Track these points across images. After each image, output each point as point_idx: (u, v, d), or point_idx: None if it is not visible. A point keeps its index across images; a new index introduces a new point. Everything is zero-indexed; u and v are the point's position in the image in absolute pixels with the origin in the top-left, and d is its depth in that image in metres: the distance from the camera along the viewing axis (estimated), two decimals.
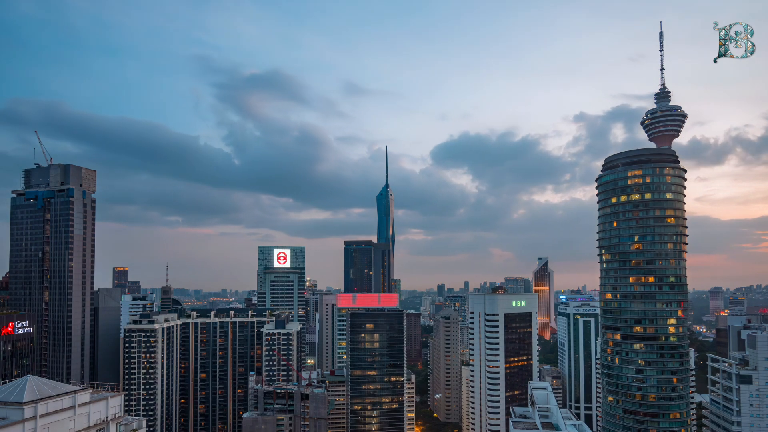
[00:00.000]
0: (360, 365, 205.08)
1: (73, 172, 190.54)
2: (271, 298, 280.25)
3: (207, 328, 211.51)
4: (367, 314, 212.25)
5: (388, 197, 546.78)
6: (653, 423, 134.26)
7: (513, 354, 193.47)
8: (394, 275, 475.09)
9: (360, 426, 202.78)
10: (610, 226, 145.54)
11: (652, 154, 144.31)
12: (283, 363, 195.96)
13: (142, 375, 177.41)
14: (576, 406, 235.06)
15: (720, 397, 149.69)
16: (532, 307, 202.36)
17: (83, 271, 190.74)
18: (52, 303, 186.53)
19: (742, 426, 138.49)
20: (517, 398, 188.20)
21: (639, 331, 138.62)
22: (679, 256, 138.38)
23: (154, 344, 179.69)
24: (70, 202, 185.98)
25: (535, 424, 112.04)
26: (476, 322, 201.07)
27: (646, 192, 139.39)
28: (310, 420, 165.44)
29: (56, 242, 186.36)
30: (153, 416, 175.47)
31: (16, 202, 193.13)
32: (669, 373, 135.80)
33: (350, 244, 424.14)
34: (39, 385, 51.12)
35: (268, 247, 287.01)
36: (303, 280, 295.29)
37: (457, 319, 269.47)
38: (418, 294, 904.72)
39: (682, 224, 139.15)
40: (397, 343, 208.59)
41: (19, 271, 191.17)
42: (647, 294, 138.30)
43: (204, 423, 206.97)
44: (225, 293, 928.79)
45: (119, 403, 58.49)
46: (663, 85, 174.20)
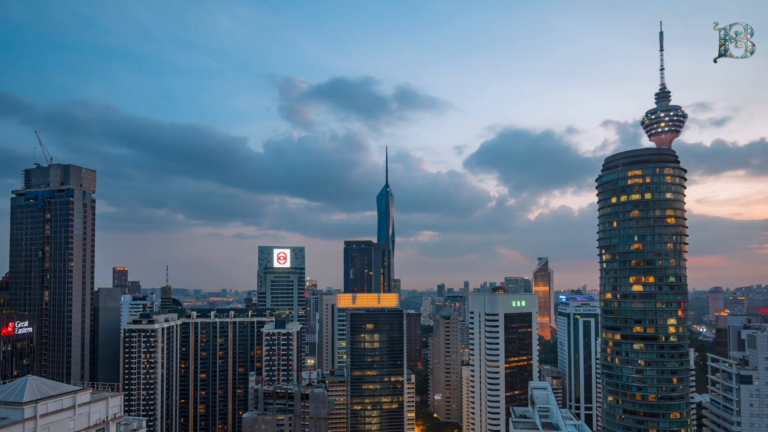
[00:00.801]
0: (360, 365, 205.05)
1: (73, 172, 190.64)
2: (271, 298, 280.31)
3: (207, 328, 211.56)
4: (367, 314, 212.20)
5: (388, 197, 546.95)
6: (653, 423, 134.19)
7: (513, 354, 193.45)
8: (394, 275, 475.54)
9: (360, 426, 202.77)
10: (610, 226, 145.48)
11: (652, 154, 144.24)
12: (283, 363, 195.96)
13: (142, 375, 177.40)
14: (576, 406, 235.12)
15: (720, 397, 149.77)
16: (532, 307, 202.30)
17: (83, 271, 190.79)
18: (52, 303, 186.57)
19: (742, 426, 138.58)
20: (517, 398, 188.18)
21: (639, 331, 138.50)
22: (679, 256, 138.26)
23: (154, 344, 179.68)
24: (70, 202, 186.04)
25: (535, 424, 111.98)
26: (476, 322, 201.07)
27: (646, 192, 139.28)
28: (310, 420, 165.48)
29: (56, 242, 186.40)
30: (153, 416, 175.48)
31: (16, 202, 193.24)
32: (669, 373, 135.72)
33: (350, 244, 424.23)
34: (39, 385, 51.11)
35: (268, 247, 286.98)
36: (303, 280, 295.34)
37: (457, 319, 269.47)
38: (418, 294, 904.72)
39: (682, 224, 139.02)
40: (397, 343, 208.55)
41: (19, 271, 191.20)
42: (647, 294, 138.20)
43: (204, 423, 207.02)
44: (225, 293, 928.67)
45: (119, 403, 58.50)
46: (663, 85, 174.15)
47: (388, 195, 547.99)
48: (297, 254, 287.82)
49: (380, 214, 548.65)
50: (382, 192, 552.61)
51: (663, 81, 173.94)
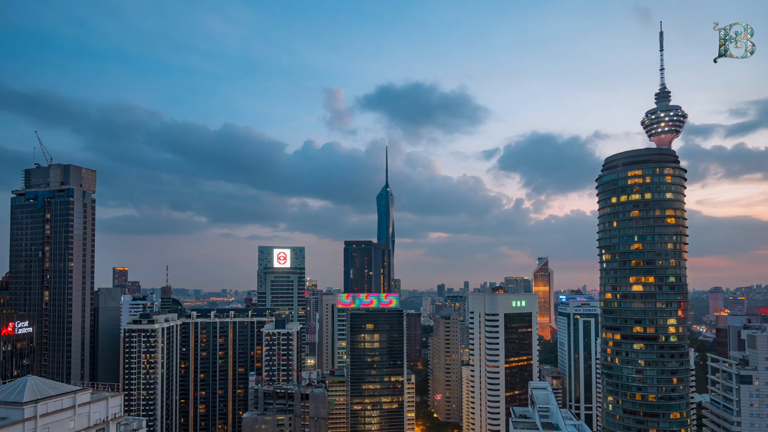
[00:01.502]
0: (360, 365, 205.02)
1: (73, 172, 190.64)
2: (271, 298, 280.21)
3: (207, 328, 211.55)
4: (367, 314, 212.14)
5: (388, 198, 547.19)
6: (653, 423, 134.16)
7: (513, 354, 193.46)
8: (394, 275, 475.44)
9: (360, 426, 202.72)
10: (610, 226, 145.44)
11: (652, 154, 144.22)
12: (283, 363, 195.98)
13: (142, 375, 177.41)
14: (576, 406, 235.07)
15: (720, 397, 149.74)
16: (532, 307, 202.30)
17: (83, 271, 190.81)
18: (52, 303, 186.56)
19: (742, 426, 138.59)
20: (517, 398, 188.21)
21: (639, 331, 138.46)
22: (679, 256, 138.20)
23: (154, 344, 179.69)
24: (70, 202, 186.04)
25: (535, 424, 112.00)
26: (476, 322, 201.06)
27: (646, 192, 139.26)
28: (310, 420, 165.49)
29: (56, 242, 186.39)
30: (153, 416, 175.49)
31: (16, 202, 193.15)
32: (669, 373, 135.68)
33: (350, 244, 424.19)
34: (39, 385, 51.12)
35: (268, 247, 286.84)
36: (303, 280, 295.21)
37: (457, 319, 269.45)
38: (418, 294, 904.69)
39: (682, 224, 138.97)
40: (397, 343, 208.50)
41: (19, 271, 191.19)
42: (647, 294, 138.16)
43: (204, 423, 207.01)
44: (225, 293, 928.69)
45: (119, 403, 58.52)
46: (663, 85, 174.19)
47: (388, 195, 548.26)
48: (297, 254, 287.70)
49: (380, 214, 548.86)
50: (382, 192, 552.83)
51: (663, 81, 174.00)
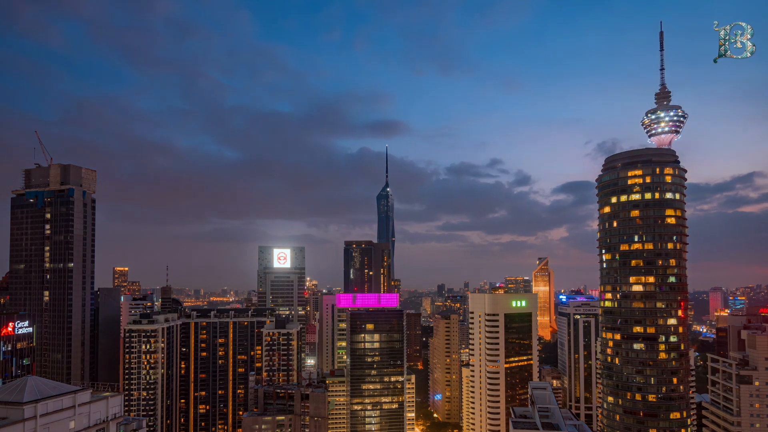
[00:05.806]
0: (360, 365, 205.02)
1: (73, 172, 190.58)
2: (271, 298, 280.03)
3: (207, 328, 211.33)
4: (367, 314, 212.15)
5: (388, 198, 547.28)
6: (653, 423, 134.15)
7: (513, 354, 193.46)
8: (395, 275, 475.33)
9: (360, 426, 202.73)
10: (610, 225, 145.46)
11: (653, 154, 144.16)
12: (283, 363, 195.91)
13: (142, 375, 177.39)
14: (576, 406, 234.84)
15: (720, 397, 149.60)
16: (532, 307, 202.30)
17: (83, 271, 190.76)
18: (52, 303, 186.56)
19: (742, 426, 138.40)
20: (517, 398, 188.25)
21: (639, 331, 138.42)
22: (679, 256, 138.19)
23: (155, 344, 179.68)
24: (70, 202, 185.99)
25: (535, 425, 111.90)
26: (476, 322, 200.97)
27: (646, 192, 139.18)
28: (310, 420, 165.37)
29: (56, 242, 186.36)
30: (153, 416, 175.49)
31: (16, 202, 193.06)
32: (669, 373, 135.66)
33: (350, 244, 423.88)
34: (39, 385, 51.14)
35: (268, 247, 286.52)
36: (303, 280, 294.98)
37: (457, 319, 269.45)
38: (418, 294, 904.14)
39: (682, 224, 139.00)
40: (397, 343, 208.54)
41: (19, 271, 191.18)
42: (647, 294, 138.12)
43: (204, 423, 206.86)
44: (225, 293, 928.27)
45: (119, 403, 58.55)
46: (663, 85, 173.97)
47: (388, 196, 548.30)
48: (297, 254, 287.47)
49: (380, 214, 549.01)
50: (382, 192, 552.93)
51: (663, 81, 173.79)
